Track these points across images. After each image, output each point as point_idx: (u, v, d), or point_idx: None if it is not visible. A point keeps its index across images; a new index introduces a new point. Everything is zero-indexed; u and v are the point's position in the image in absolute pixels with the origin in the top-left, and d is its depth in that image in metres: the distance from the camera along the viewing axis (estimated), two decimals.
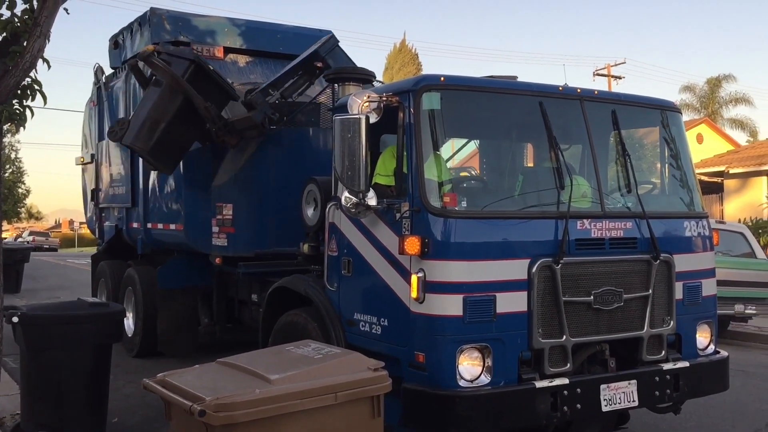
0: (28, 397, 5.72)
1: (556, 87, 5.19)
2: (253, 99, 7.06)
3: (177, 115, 7.00)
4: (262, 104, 7.02)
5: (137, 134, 7.11)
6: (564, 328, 4.68)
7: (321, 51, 7.03)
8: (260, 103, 7.01)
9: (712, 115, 36.32)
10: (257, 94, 7.10)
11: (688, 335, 5.33)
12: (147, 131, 7.05)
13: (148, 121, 7.06)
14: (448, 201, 4.61)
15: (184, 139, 7.31)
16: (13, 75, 4.88)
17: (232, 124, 7.15)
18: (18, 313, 5.51)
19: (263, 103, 7.04)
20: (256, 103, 7.02)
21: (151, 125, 7.02)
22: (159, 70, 7.00)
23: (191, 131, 7.26)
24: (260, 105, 7.01)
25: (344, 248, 5.24)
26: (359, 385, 4.10)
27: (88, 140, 11.36)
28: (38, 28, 4.82)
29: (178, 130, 7.12)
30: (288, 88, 7.26)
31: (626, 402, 4.85)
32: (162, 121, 6.99)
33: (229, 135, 7.22)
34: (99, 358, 5.80)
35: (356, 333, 5.09)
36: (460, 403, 4.34)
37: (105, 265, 10.63)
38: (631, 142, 5.64)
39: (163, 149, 7.16)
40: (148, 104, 7.15)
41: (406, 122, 4.72)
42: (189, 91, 6.92)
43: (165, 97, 7.04)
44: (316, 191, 5.83)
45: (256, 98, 7.06)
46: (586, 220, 4.90)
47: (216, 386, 3.98)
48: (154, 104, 7.08)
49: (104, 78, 10.64)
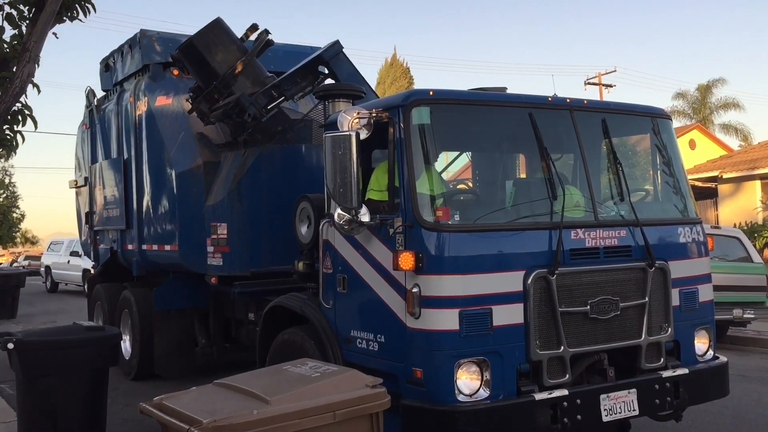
0: (25, 423, 5.68)
1: (546, 98, 5.21)
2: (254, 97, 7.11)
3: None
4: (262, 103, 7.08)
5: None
6: (561, 339, 4.67)
7: (325, 56, 7.08)
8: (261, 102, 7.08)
9: (704, 120, 36.49)
10: (260, 96, 7.15)
11: (686, 342, 5.32)
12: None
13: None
14: (441, 215, 4.61)
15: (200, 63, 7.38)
16: (3, 101, 4.88)
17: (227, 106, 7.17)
18: (13, 340, 5.47)
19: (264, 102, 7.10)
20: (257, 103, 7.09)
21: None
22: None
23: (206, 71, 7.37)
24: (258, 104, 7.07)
25: (339, 265, 5.22)
26: (358, 403, 4.08)
27: (81, 163, 11.35)
28: (27, 53, 4.83)
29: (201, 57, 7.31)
30: (292, 90, 7.29)
31: (627, 411, 4.82)
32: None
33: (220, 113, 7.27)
34: (96, 382, 5.76)
35: (353, 350, 5.06)
36: (460, 417, 4.31)
37: (101, 288, 10.58)
38: (622, 151, 5.66)
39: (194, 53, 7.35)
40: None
41: (397, 137, 4.73)
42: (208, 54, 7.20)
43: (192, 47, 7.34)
44: (309, 209, 5.82)
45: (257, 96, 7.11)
46: (579, 229, 4.90)
47: (213, 408, 3.95)
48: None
49: (96, 101, 10.65)
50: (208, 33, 7.31)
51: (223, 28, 7.45)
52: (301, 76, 7.31)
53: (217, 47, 7.32)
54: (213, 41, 7.31)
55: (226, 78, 7.24)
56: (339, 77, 7.08)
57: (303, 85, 7.35)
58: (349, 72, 7.21)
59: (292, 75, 7.28)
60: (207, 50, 7.28)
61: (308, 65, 7.25)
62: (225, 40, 7.40)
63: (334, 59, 7.14)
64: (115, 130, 9.71)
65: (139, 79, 8.98)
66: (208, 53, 7.28)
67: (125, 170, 9.30)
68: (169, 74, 8.61)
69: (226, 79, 7.25)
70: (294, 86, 7.32)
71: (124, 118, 9.37)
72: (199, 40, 7.28)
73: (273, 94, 7.22)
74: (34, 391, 5.57)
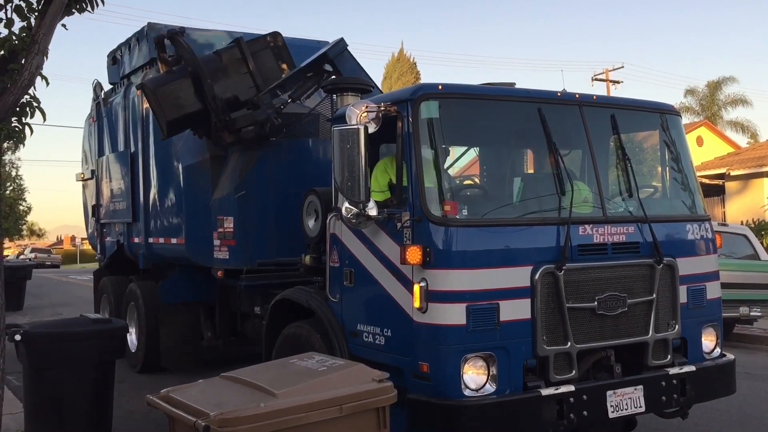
0: (31, 415, 5.70)
1: (555, 93, 5.19)
2: (260, 98, 7.07)
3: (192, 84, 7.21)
4: (268, 104, 7.03)
5: (150, 79, 7.43)
6: (568, 335, 4.66)
7: (330, 53, 7.03)
8: (266, 103, 7.02)
9: (712, 117, 36.35)
10: (264, 95, 7.11)
11: (693, 339, 5.30)
12: (160, 80, 7.38)
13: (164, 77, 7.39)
14: (448, 209, 4.60)
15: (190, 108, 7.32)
16: (12, 93, 4.87)
17: (233, 122, 7.16)
18: (20, 331, 5.49)
19: (269, 103, 7.05)
20: (262, 103, 7.03)
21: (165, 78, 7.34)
22: (181, 47, 7.26)
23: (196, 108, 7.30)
24: (265, 105, 7.02)
25: (346, 259, 5.22)
26: (364, 397, 4.08)
27: (89, 156, 11.38)
28: (36, 45, 4.81)
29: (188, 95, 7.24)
30: (296, 90, 7.25)
31: (633, 408, 4.81)
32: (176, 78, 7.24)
33: (226, 131, 7.22)
34: (102, 375, 5.78)
35: (360, 344, 5.07)
36: (466, 412, 4.31)
37: (107, 280, 10.62)
38: (630, 146, 5.64)
39: (169, 100, 7.25)
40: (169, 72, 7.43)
41: (405, 131, 4.72)
42: (203, 72, 7.06)
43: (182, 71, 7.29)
44: (316, 202, 5.82)
45: (262, 98, 7.07)
46: (587, 225, 4.88)
47: (220, 401, 3.96)
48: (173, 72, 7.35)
49: (103, 94, 10.67)
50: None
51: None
52: (306, 74, 7.26)
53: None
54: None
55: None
56: (344, 75, 7.03)
57: (308, 85, 7.29)
58: (353, 69, 7.16)
59: (297, 74, 7.24)
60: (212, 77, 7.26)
61: (313, 63, 7.20)
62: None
63: (339, 57, 7.09)
64: (122, 123, 9.72)
65: (147, 72, 8.98)
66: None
67: (132, 163, 9.33)
68: None
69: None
70: (299, 85, 7.26)
71: (131, 112, 9.39)
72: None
73: (278, 93, 7.19)
74: (40, 383, 5.59)
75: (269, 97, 7.12)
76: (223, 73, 7.29)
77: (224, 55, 7.39)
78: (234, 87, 7.33)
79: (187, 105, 7.27)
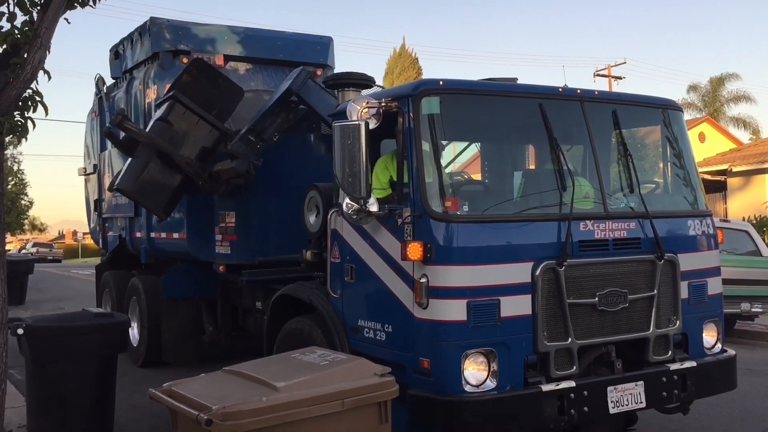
0: (34, 409, 5.73)
1: (556, 88, 5.19)
2: (234, 149, 6.98)
3: (160, 161, 7.11)
4: (244, 152, 6.98)
5: (122, 179, 7.32)
6: (569, 331, 4.66)
7: (294, 87, 6.89)
8: (242, 152, 6.97)
9: (715, 113, 36.29)
10: (238, 143, 6.99)
11: (694, 335, 5.31)
12: (131, 175, 7.22)
13: (133, 168, 7.23)
14: (449, 205, 4.60)
15: (172, 184, 7.30)
16: (14, 87, 4.88)
17: (217, 174, 7.13)
18: (23, 325, 5.51)
19: (245, 151, 6.98)
20: (238, 153, 6.97)
21: (135, 170, 7.19)
22: (133, 133, 7.18)
23: (177, 180, 7.26)
24: (242, 154, 6.96)
25: (347, 255, 5.23)
26: (366, 392, 4.09)
27: (90, 151, 11.39)
28: (38, 39, 4.82)
29: (164, 174, 7.17)
30: (268, 129, 7.11)
31: (634, 403, 4.82)
32: (145, 164, 7.12)
33: (216, 184, 7.20)
34: (104, 369, 5.80)
35: (361, 340, 5.08)
36: (466, 408, 4.32)
37: (109, 275, 10.64)
38: (632, 142, 5.63)
39: (151, 191, 7.22)
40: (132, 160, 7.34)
41: (406, 127, 4.72)
42: (165, 147, 7.00)
43: (145, 151, 7.17)
44: (317, 198, 5.83)
45: (237, 147, 6.97)
46: (589, 221, 4.88)
47: (222, 395, 3.98)
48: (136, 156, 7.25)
49: (105, 88, 10.66)
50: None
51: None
52: (274, 112, 7.10)
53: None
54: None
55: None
56: (313, 105, 6.88)
57: (279, 122, 7.14)
58: (319, 98, 6.91)
59: (265, 114, 7.07)
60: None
61: (279, 101, 7.06)
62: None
63: (303, 88, 6.88)
64: None
65: (149, 67, 8.98)
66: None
67: None
68: (179, 62, 8.60)
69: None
70: (270, 124, 7.10)
71: (133, 106, 9.38)
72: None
73: (250, 138, 7.04)
74: (43, 377, 5.61)
75: (243, 144, 7.01)
76: (181, 135, 7.14)
77: (170, 117, 7.17)
78: (197, 140, 7.20)
79: (168, 183, 7.23)
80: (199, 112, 7.15)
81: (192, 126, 7.17)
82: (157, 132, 7.15)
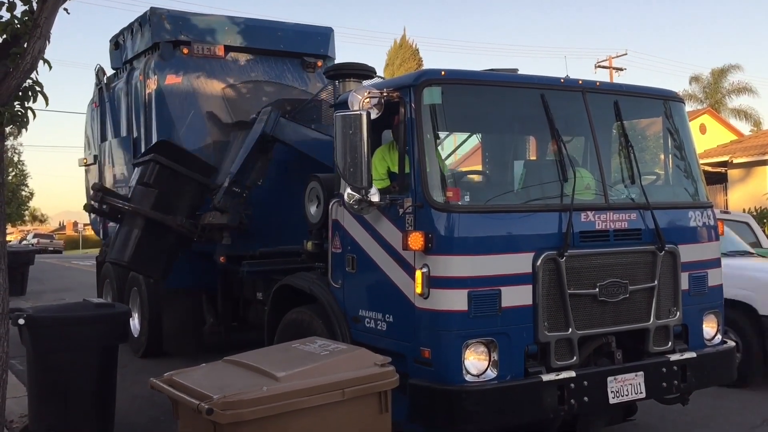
0: (35, 399, 5.74)
1: (558, 79, 5.17)
2: (222, 205, 7.08)
3: (149, 227, 7.18)
4: (232, 206, 7.09)
5: (114, 250, 7.40)
6: (570, 321, 4.67)
7: (267, 130, 6.98)
8: (230, 206, 7.08)
9: (716, 105, 36.22)
10: (224, 198, 7.09)
11: (694, 326, 5.31)
12: (122, 245, 7.27)
13: (123, 237, 7.28)
14: (451, 196, 4.60)
15: (166, 246, 7.36)
16: (14, 77, 4.86)
17: (210, 226, 7.21)
18: (24, 315, 5.51)
19: (233, 204, 7.10)
20: (226, 207, 7.08)
21: (125, 239, 7.25)
22: (116, 206, 7.28)
23: (170, 241, 7.34)
24: (231, 208, 7.08)
25: (348, 245, 5.23)
26: (366, 381, 4.10)
27: (91, 142, 11.37)
28: (38, 29, 4.80)
29: (156, 238, 7.23)
30: (250, 176, 7.22)
31: (634, 394, 4.84)
32: (134, 233, 7.18)
33: (212, 234, 7.29)
34: (105, 359, 5.81)
35: (361, 330, 5.09)
36: (467, 397, 4.34)
37: (110, 266, 10.64)
38: (633, 133, 5.62)
39: (146, 258, 7.30)
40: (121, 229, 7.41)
41: (408, 117, 4.71)
42: (152, 215, 7.07)
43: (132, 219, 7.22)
44: (318, 188, 5.82)
45: (224, 202, 7.08)
46: (590, 212, 4.88)
47: (223, 384, 3.99)
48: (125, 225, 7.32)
49: (105, 79, 10.64)
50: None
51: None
52: (254, 159, 7.18)
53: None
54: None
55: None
56: (289, 142, 7.02)
57: (260, 165, 7.24)
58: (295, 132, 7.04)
59: (246, 161, 7.15)
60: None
61: (256, 145, 7.12)
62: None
63: (276, 129, 6.99)
64: (125, 108, 9.71)
65: (149, 57, 8.96)
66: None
67: (135, 149, 9.32)
68: (179, 53, 8.60)
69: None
70: (251, 172, 7.20)
71: (133, 97, 9.37)
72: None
73: (235, 190, 7.14)
74: (44, 367, 5.62)
75: (229, 198, 7.11)
76: (167, 196, 7.20)
77: (151, 180, 7.21)
78: (183, 199, 7.29)
79: (162, 247, 7.31)
80: (182, 171, 7.23)
81: (176, 185, 7.23)
82: (140, 198, 7.21)
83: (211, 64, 8.64)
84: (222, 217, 7.08)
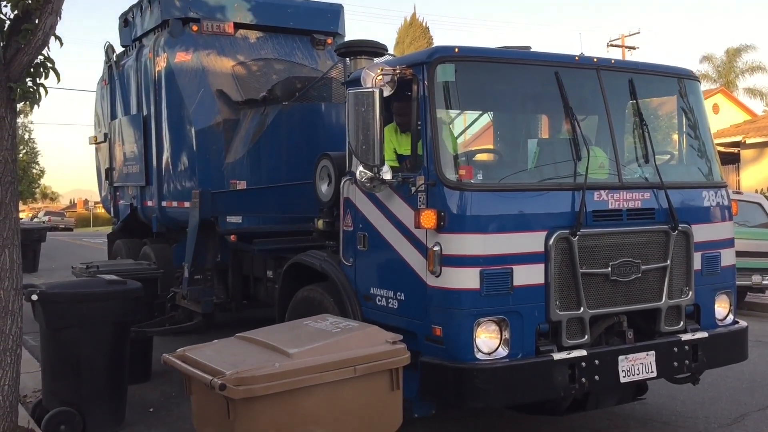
0: (48, 374, 5.79)
1: (573, 57, 5.12)
2: (191, 297, 7.49)
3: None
4: (201, 293, 7.45)
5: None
6: (581, 300, 4.66)
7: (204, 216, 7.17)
8: (198, 295, 7.45)
9: (728, 84, 35.82)
10: (190, 289, 7.48)
11: (706, 306, 5.29)
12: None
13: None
14: (463, 174, 4.58)
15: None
16: (26, 53, 4.86)
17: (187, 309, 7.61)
18: (37, 291, 5.55)
19: (200, 291, 7.46)
20: (197, 297, 7.46)
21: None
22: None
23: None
24: (200, 296, 7.45)
25: (359, 223, 5.22)
26: (378, 358, 4.12)
27: (101, 119, 11.38)
28: (50, 5, 4.79)
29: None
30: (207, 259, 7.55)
31: (644, 373, 4.83)
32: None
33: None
34: (118, 335, 5.85)
35: (373, 308, 5.09)
36: (478, 375, 4.34)
37: (121, 243, 10.69)
38: (648, 112, 5.56)
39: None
40: None
41: (421, 95, 4.67)
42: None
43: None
44: (329, 167, 5.80)
45: (192, 294, 7.49)
46: (603, 191, 4.85)
47: (235, 360, 4.01)
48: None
49: (115, 56, 10.62)
50: None
51: None
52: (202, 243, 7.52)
53: None
54: None
55: None
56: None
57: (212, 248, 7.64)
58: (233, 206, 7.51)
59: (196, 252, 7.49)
60: None
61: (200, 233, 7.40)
62: None
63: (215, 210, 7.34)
64: (135, 86, 9.69)
65: (159, 34, 8.93)
66: None
67: (145, 127, 9.32)
68: (189, 30, 8.55)
69: None
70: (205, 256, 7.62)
71: (143, 75, 9.35)
72: None
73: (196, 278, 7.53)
74: (57, 343, 5.66)
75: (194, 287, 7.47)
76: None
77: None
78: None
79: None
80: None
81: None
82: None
83: (221, 41, 8.59)
84: (197, 306, 7.53)
